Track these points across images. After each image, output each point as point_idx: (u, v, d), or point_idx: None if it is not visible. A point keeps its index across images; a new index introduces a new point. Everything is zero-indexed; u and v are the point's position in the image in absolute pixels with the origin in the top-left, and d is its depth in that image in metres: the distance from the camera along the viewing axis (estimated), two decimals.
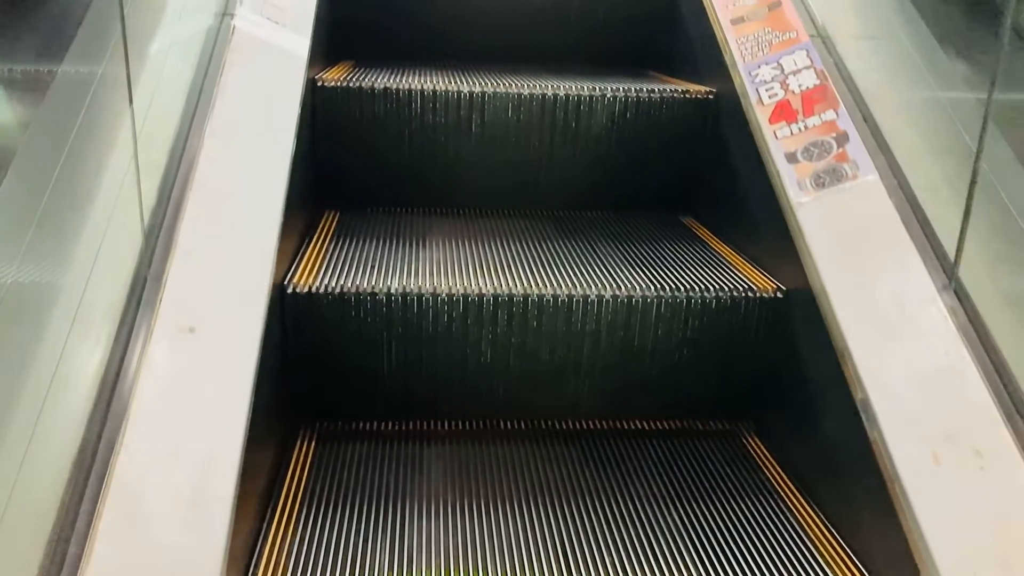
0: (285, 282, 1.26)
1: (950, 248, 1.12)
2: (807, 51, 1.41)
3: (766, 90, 1.39)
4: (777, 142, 1.32)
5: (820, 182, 1.25)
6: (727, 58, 1.51)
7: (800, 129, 1.32)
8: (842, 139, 1.28)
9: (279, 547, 1.06)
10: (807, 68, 1.39)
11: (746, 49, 1.47)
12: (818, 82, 1.36)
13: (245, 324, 1.02)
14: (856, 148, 1.27)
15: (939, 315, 1.07)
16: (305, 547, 1.06)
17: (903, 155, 1.27)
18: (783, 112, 1.35)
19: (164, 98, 1.22)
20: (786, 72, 1.39)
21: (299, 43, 1.46)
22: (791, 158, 1.29)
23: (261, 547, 1.05)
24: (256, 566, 1.01)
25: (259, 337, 1.01)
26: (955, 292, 1.10)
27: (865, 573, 1.05)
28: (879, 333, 1.08)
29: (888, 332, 1.08)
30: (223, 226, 1.12)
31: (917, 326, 1.08)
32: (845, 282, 1.14)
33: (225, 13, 1.39)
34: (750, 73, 1.44)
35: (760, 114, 1.37)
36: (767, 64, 1.42)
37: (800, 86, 1.37)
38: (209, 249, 1.08)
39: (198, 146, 1.19)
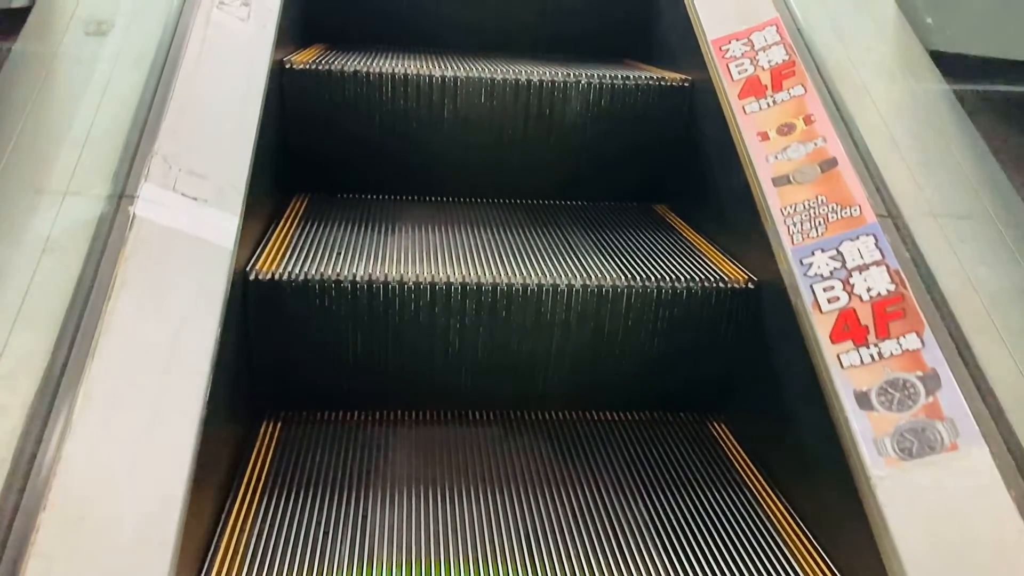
0: (248, 268, 1.23)
1: None
2: (875, 238, 1.09)
3: (824, 290, 1.08)
4: (844, 373, 1.00)
5: (905, 447, 0.93)
6: (767, 224, 1.20)
7: (872, 356, 1.00)
8: (931, 381, 0.96)
9: (236, 539, 1.03)
10: (877, 265, 1.07)
11: (794, 225, 1.16)
12: (892, 287, 1.04)
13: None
14: (952, 399, 0.94)
15: None
16: (264, 540, 1.04)
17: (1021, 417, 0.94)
18: (849, 326, 1.03)
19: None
20: (849, 266, 1.08)
21: (225, 228, 1.07)
22: (863, 401, 0.97)
23: (218, 541, 1.02)
24: (212, 561, 0.98)
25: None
26: None
27: (831, 565, 1.05)
28: None
29: None
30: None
31: None
32: None
33: (122, 195, 1.02)
34: (801, 261, 1.12)
35: (816, 321, 1.05)
36: (823, 251, 1.11)
37: (869, 290, 1.05)
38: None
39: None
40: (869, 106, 1.28)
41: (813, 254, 1.11)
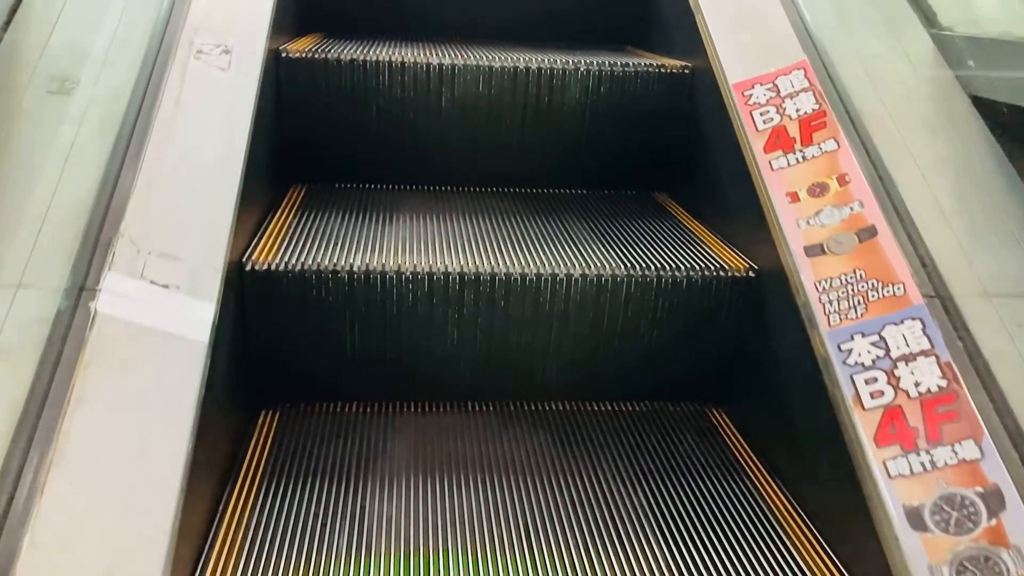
0: (244, 259, 1.22)
1: None
2: (922, 323, 0.96)
3: (866, 382, 0.94)
4: (892, 483, 0.88)
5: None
6: (798, 297, 1.09)
7: (923, 465, 0.87)
8: (993, 499, 0.83)
9: (234, 532, 1.02)
10: (925, 355, 0.93)
11: (830, 303, 1.04)
12: (944, 383, 0.91)
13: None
14: (1019, 523, 0.82)
15: None
16: (260, 533, 1.03)
17: None
18: (896, 428, 0.90)
19: None
20: (893, 355, 0.95)
21: (201, 318, 0.95)
22: (915, 520, 0.85)
23: (215, 532, 1.01)
24: (209, 552, 0.98)
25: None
26: None
27: (832, 556, 1.04)
28: None
29: None
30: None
31: None
32: None
33: (83, 287, 0.89)
34: (839, 346, 0.99)
35: (859, 419, 0.93)
36: (864, 335, 0.99)
37: (917, 385, 0.92)
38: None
39: None
40: (909, 163, 1.15)
41: (852, 338, 0.99)
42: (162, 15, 1.26)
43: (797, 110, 1.24)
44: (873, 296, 1.02)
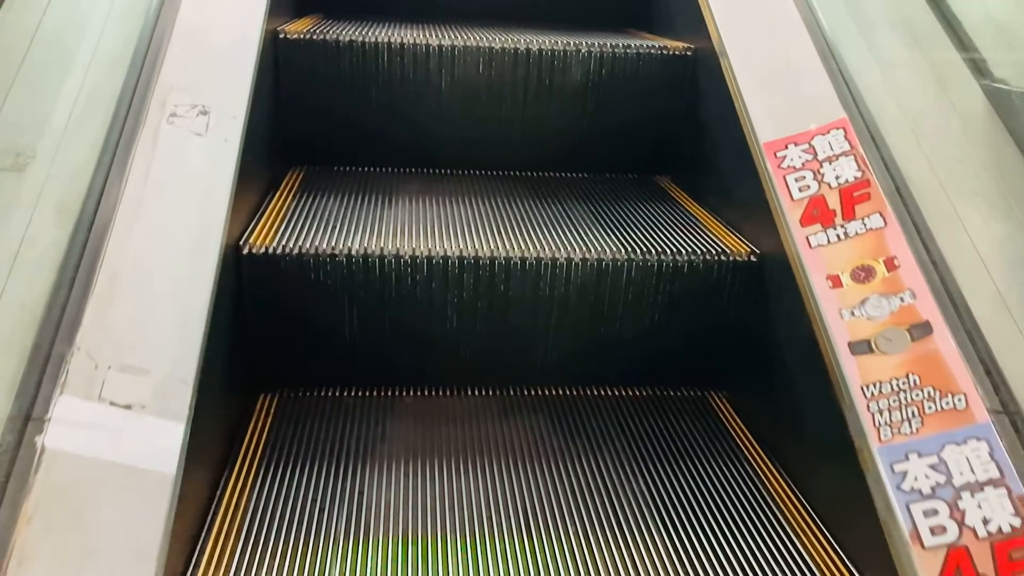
0: (241, 242, 1.21)
1: None
2: (988, 445, 0.84)
3: (925, 514, 0.82)
4: None
5: None
6: (842, 400, 0.96)
7: None
8: None
9: (231, 518, 1.02)
10: (994, 485, 0.81)
11: (880, 413, 0.90)
12: (1018, 522, 0.80)
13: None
14: None
15: None
16: (259, 517, 1.03)
17: None
18: (962, 572, 0.79)
19: None
20: (956, 482, 0.83)
21: (168, 446, 0.82)
22: None
23: (213, 517, 1.01)
24: (206, 537, 0.97)
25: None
26: None
27: (831, 541, 1.03)
28: None
29: None
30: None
31: None
32: None
33: (29, 417, 0.77)
34: (892, 467, 0.87)
35: (917, 559, 0.80)
36: (920, 455, 0.86)
37: (986, 523, 0.80)
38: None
39: None
40: (966, 245, 1.00)
41: (907, 458, 0.87)
42: (132, 72, 1.11)
43: (837, 177, 1.11)
44: (930, 408, 0.88)
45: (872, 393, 0.92)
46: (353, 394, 1.33)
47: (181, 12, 1.23)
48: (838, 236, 1.06)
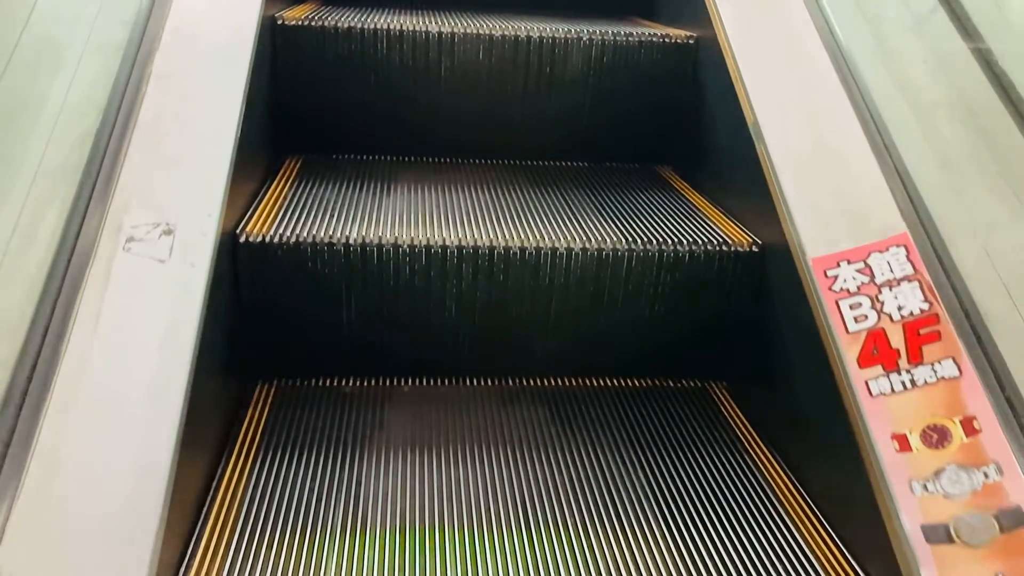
0: (237, 230, 1.20)
1: None
2: None
3: None
4: None
5: None
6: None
7: None
8: None
9: (227, 510, 1.01)
10: None
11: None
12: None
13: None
14: None
15: None
16: (255, 507, 1.02)
17: None
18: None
19: None
20: None
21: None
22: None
23: (209, 507, 1.00)
24: (202, 529, 0.97)
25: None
26: None
27: (831, 533, 1.03)
28: None
29: None
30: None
31: None
32: None
33: None
34: None
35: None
36: None
37: None
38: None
39: None
40: None
41: None
42: (82, 193, 0.94)
43: (899, 308, 0.92)
44: None
45: None
46: (350, 383, 1.33)
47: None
48: (904, 385, 0.88)
